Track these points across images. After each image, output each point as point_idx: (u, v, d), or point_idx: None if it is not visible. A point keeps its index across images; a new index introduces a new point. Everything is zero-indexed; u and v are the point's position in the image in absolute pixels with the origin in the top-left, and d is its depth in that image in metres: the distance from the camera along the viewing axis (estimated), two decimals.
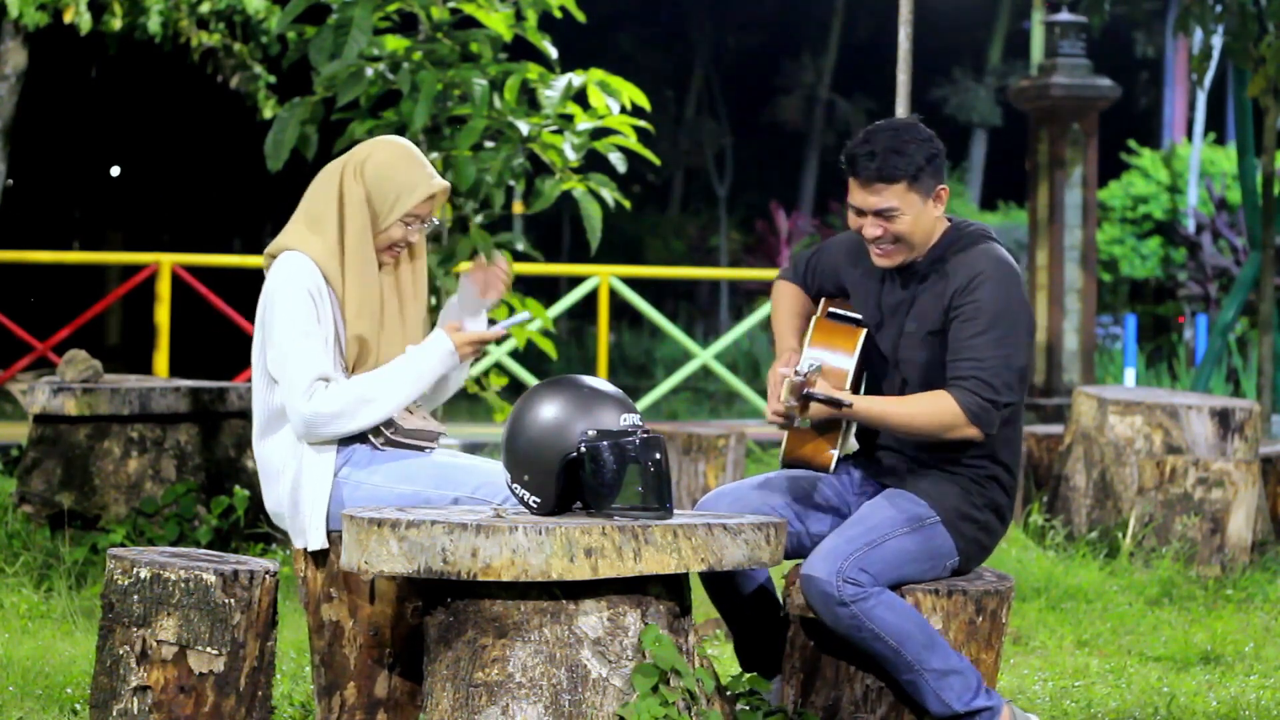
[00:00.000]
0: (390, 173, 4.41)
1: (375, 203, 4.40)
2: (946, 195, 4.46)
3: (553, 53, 7.46)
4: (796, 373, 4.14)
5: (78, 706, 4.96)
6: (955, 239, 4.45)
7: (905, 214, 4.38)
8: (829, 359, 4.43)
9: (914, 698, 4.32)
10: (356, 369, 4.41)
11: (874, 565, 4.26)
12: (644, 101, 7.28)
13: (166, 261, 12.14)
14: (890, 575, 4.30)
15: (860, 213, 4.41)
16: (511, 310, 7.72)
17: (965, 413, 4.29)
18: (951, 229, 4.48)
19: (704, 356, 13.58)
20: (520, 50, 7.83)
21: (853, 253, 4.59)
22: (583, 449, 3.98)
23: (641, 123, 7.30)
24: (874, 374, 4.54)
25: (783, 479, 4.54)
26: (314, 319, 4.31)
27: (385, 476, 4.35)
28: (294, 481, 4.36)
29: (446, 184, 4.46)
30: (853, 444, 4.64)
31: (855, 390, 4.45)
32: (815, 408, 4.20)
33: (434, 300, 7.53)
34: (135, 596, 4.13)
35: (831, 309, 4.61)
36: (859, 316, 4.56)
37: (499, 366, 12.69)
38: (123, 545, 6.78)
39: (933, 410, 4.30)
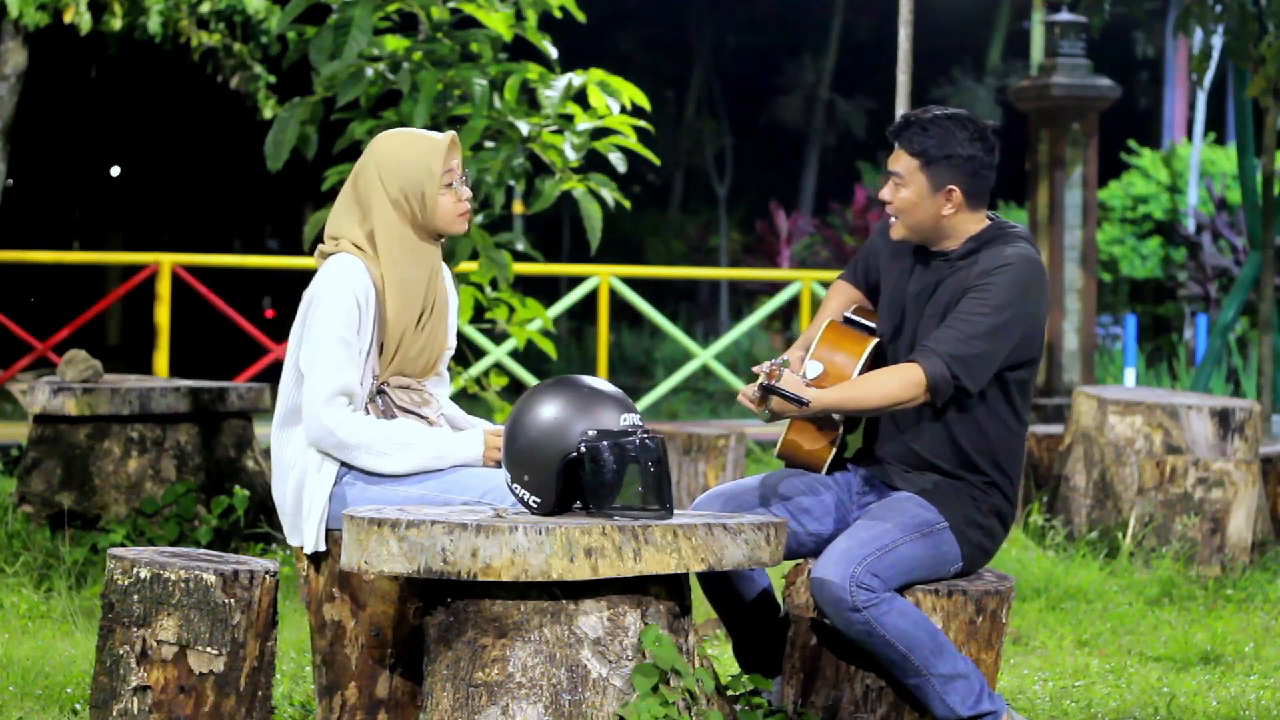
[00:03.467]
0: (404, 162, 4.41)
1: (411, 194, 4.40)
2: (958, 199, 4.46)
3: (553, 53, 7.46)
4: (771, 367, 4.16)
5: (78, 706, 4.96)
6: (994, 235, 4.47)
7: (908, 188, 4.46)
8: (833, 362, 4.43)
9: (919, 701, 4.32)
10: (388, 368, 4.42)
11: (885, 570, 4.26)
12: (644, 101, 7.28)
13: (166, 261, 12.14)
14: (900, 580, 4.30)
15: (886, 177, 4.52)
16: (512, 311, 7.72)
17: (928, 381, 4.32)
18: (992, 226, 4.50)
19: (704, 356, 13.58)
20: (520, 50, 7.83)
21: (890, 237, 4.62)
22: (583, 449, 3.98)
23: (641, 123, 7.30)
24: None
25: (779, 479, 4.54)
26: (354, 328, 4.31)
27: (390, 480, 4.34)
28: (299, 481, 4.36)
29: (450, 134, 4.46)
30: (858, 440, 4.63)
31: None
32: (777, 402, 4.21)
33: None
34: (135, 596, 4.13)
35: (847, 314, 4.62)
36: (873, 325, 4.57)
37: (499, 366, 12.69)
38: (123, 545, 6.78)
39: (894, 387, 4.32)
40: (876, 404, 4.32)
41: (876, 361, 4.51)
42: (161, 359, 12.19)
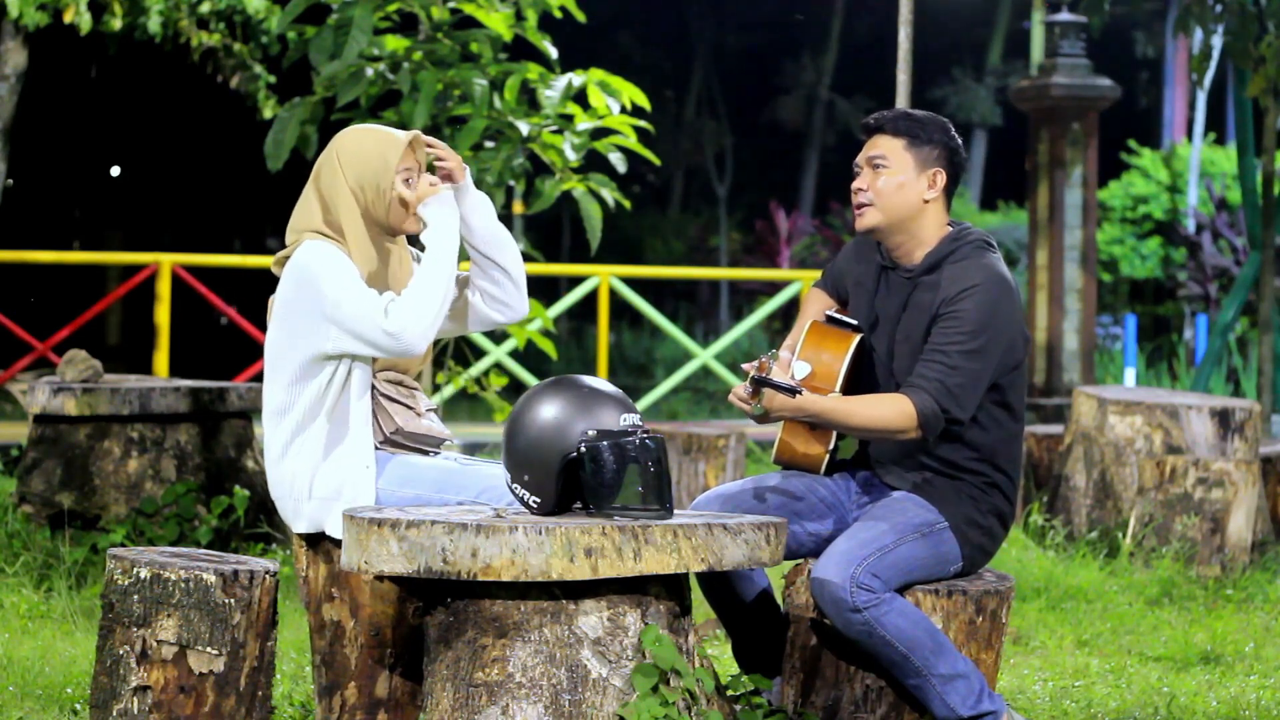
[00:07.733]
0: (362, 153, 4.40)
1: (367, 185, 4.38)
2: (941, 183, 4.45)
3: (553, 53, 7.46)
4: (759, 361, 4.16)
5: (78, 706, 4.96)
6: (953, 249, 4.44)
7: (891, 171, 4.43)
8: (820, 361, 4.42)
9: (919, 701, 4.32)
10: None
11: (886, 571, 4.26)
12: (644, 101, 7.28)
13: (166, 261, 12.13)
14: (900, 581, 4.30)
15: (858, 170, 4.47)
16: None
17: (919, 416, 4.29)
18: (950, 237, 4.47)
19: (704, 356, 13.57)
20: (520, 50, 7.83)
21: (859, 251, 4.61)
22: (583, 449, 3.98)
23: (641, 123, 7.30)
24: (869, 378, 4.54)
25: (778, 480, 4.54)
26: (361, 278, 4.30)
27: (387, 480, 4.34)
28: (292, 468, 4.34)
29: (412, 132, 4.44)
30: (852, 444, 4.63)
31: (846, 392, 4.43)
32: (769, 394, 4.19)
33: None
34: (135, 596, 4.13)
35: (829, 313, 4.61)
36: (855, 322, 4.56)
37: (499, 366, 12.69)
38: (123, 545, 6.78)
39: (886, 413, 4.29)
40: (863, 423, 4.31)
41: (861, 358, 4.50)
42: (161, 359, 12.19)
